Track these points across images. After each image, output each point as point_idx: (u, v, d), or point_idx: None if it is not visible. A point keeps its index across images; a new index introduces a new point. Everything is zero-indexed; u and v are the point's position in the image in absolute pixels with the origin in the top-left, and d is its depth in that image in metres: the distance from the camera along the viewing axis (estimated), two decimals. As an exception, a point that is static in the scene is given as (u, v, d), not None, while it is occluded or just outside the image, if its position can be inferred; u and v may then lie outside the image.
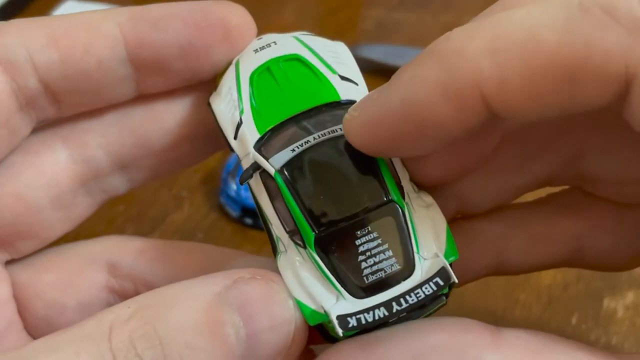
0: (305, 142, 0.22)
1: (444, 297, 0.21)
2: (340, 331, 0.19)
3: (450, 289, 0.21)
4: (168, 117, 0.26)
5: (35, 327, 0.26)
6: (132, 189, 0.28)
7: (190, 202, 0.42)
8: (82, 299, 0.26)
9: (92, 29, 0.24)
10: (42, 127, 0.26)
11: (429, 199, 0.22)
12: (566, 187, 0.26)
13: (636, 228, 0.25)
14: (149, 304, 0.20)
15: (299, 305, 0.20)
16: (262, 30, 0.25)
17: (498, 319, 0.34)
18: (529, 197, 0.26)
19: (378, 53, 0.48)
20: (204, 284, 0.20)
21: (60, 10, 0.54)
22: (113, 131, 0.26)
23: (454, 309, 0.22)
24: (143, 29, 0.24)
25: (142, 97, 0.26)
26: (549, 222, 0.25)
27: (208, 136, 0.26)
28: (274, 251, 0.22)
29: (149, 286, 0.26)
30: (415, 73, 0.19)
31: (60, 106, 0.25)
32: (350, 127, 0.21)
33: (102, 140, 0.26)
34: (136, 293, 0.26)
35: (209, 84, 0.25)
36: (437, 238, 0.21)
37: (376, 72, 0.44)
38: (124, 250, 0.27)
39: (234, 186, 0.40)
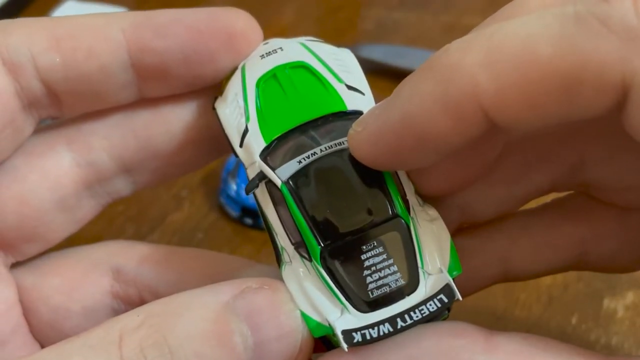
0: (312, 154, 0.22)
1: (447, 311, 0.21)
2: (345, 346, 0.20)
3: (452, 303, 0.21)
4: (173, 120, 0.26)
5: (40, 331, 0.26)
6: (134, 190, 0.28)
7: (190, 202, 0.42)
8: (87, 304, 0.26)
9: (96, 33, 0.24)
10: (45, 129, 0.26)
11: (433, 212, 0.22)
12: (570, 191, 0.26)
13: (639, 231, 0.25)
14: (158, 313, 0.20)
15: (304, 317, 0.20)
16: (262, 29, 0.25)
17: (498, 319, 0.34)
18: (533, 202, 0.26)
19: (378, 53, 0.48)
20: (212, 293, 0.20)
21: (61, 10, 0.54)
22: (117, 134, 0.26)
23: (455, 309, 0.22)
24: (146, 34, 0.24)
25: (147, 101, 0.26)
26: (552, 228, 0.25)
27: (213, 140, 0.26)
28: (278, 261, 0.22)
29: (153, 292, 0.26)
30: (414, 88, 0.19)
31: (62, 107, 0.25)
32: (355, 142, 0.21)
33: (106, 143, 0.26)
34: (140, 299, 0.26)
35: (214, 88, 0.25)
36: (441, 253, 0.21)
37: (376, 72, 0.44)
38: (128, 255, 0.27)
39: (234, 186, 0.40)
